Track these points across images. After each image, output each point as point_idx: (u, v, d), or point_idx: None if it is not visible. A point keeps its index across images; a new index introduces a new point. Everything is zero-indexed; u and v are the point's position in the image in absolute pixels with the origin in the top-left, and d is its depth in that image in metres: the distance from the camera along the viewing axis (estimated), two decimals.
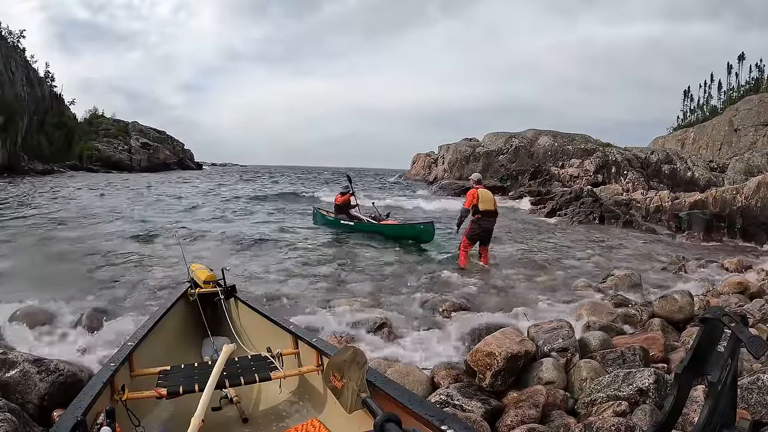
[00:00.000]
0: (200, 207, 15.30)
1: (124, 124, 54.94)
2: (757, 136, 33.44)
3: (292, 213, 14.44)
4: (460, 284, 5.92)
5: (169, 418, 2.20)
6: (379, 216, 10.01)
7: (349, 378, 1.65)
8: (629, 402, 2.48)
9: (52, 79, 51.03)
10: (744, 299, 5.18)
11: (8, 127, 36.11)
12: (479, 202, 6.84)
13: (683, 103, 59.87)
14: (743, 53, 54.47)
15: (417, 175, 34.94)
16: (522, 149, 27.39)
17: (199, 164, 65.22)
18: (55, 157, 43.14)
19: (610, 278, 5.92)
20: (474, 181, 7.38)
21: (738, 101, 40.18)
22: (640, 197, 15.79)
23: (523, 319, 4.27)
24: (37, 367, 2.49)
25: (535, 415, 2.45)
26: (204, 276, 3.33)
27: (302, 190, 23.81)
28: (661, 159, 25.25)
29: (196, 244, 8.19)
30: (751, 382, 2.35)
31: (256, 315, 2.94)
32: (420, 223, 9.01)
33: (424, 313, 4.62)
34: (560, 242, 10.10)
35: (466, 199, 7.04)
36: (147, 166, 48.71)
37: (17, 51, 43.54)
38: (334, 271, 6.52)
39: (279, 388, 2.41)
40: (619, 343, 3.44)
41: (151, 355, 2.44)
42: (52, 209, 13.54)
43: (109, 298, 4.85)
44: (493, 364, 2.78)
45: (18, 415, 2.14)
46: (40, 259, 6.89)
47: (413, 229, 8.92)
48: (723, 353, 0.88)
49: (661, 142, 40.11)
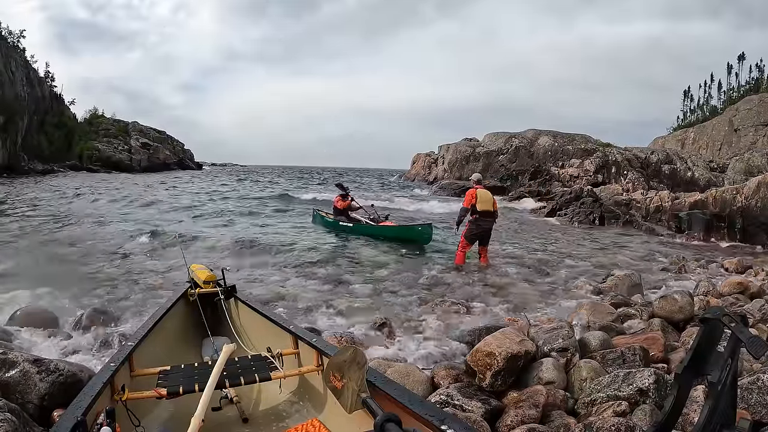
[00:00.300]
0: (199, 208, 15.30)
1: (124, 124, 54.98)
2: (757, 136, 33.45)
3: (291, 213, 14.45)
4: (460, 284, 5.92)
5: (169, 418, 2.20)
6: (377, 217, 10.01)
7: (349, 378, 1.65)
8: (629, 402, 2.47)
9: (52, 79, 51.15)
10: (744, 299, 5.18)
11: (8, 127, 36.13)
12: (477, 202, 6.87)
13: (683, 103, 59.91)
14: (743, 53, 54.52)
15: (417, 175, 34.96)
16: (522, 149, 27.40)
17: (198, 164, 65.26)
18: (55, 157, 43.17)
19: (610, 278, 5.92)
20: (474, 181, 7.41)
21: (738, 101, 40.19)
22: (640, 197, 15.79)
23: (523, 319, 4.27)
24: (37, 367, 2.49)
25: (535, 415, 2.45)
26: (204, 276, 3.33)
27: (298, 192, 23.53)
28: (661, 159, 25.25)
29: (195, 245, 8.19)
30: (751, 382, 2.35)
31: (256, 315, 2.94)
32: (418, 225, 9.09)
33: (424, 313, 4.62)
34: (560, 242, 10.11)
35: (465, 199, 7.07)
36: (147, 166, 48.74)
37: (17, 51, 43.58)
38: (333, 271, 6.52)
39: (279, 388, 2.41)
40: (619, 343, 3.44)
41: (151, 355, 2.44)
42: (51, 209, 13.54)
43: (109, 298, 4.86)
44: (493, 364, 2.77)
45: (18, 415, 2.13)
46: (40, 259, 6.90)
47: (411, 231, 8.98)
48: (723, 353, 0.89)
49: (661, 142, 40.12)
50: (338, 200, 10.60)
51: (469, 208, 6.92)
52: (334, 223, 10.30)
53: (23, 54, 44.99)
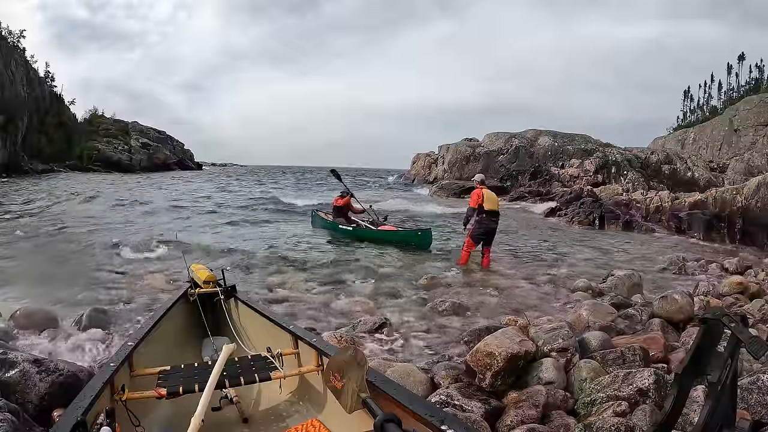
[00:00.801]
0: (198, 208, 15.30)
1: (124, 124, 54.93)
2: (757, 137, 33.45)
3: (291, 214, 14.45)
4: (460, 284, 5.92)
5: (169, 418, 2.20)
6: (376, 220, 9.92)
7: (349, 378, 1.65)
8: (629, 402, 2.47)
9: (52, 79, 51.14)
10: (744, 299, 5.18)
11: (8, 127, 36.14)
12: (484, 201, 6.91)
13: (683, 104, 60.04)
14: (743, 53, 54.69)
15: (417, 175, 34.95)
16: (522, 149, 27.39)
17: (199, 164, 65.26)
18: (55, 157, 43.16)
19: (610, 278, 5.91)
20: (477, 181, 7.44)
21: (738, 101, 40.20)
22: (640, 197, 15.79)
23: (523, 319, 4.27)
24: (37, 367, 2.49)
25: (535, 415, 2.45)
26: (204, 276, 3.33)
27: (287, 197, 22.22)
28: (661, 159, 25.25)
29: (194, 245, 8.18)
30: (751, 382, 2.35)
31: (256, 315, 2.94)
32: (418, 230, 9.08)
33: (423, 314, 4.62)
34: (560, 242, 10.11)
35: (471, 199, 7.11)
36: (147, 166, 48.71)
37: (17, 51, 43.56)
38: (333, 271, 6.52)
39: (279, 388, 2.41)
40: (619, 343, 3.44)
41: (151, 355, 2.43)
42: (51, 210, 13.54)
43: (109, 298, 4.85)
44: (493, 364, 2.77)
45: (18, 415, 2.13)
46: (40, 260, 6.90)
47: (411, 235, 8.94)
48: (723, 353, 0.89)
49: (661, 143, 40.13)
50: (337, 199, 10.34)
51: (476, 207, 6.95)
52: (333, 225, 10.12)
53: (23, 54, 45.01)
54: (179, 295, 3.18)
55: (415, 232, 8.97)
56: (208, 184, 29.58)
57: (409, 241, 8.79)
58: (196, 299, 3.15)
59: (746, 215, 11.20)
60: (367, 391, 1.62)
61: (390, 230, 9.35)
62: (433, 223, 12.43)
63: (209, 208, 15.44)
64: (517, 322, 4.07)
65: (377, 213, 10.36)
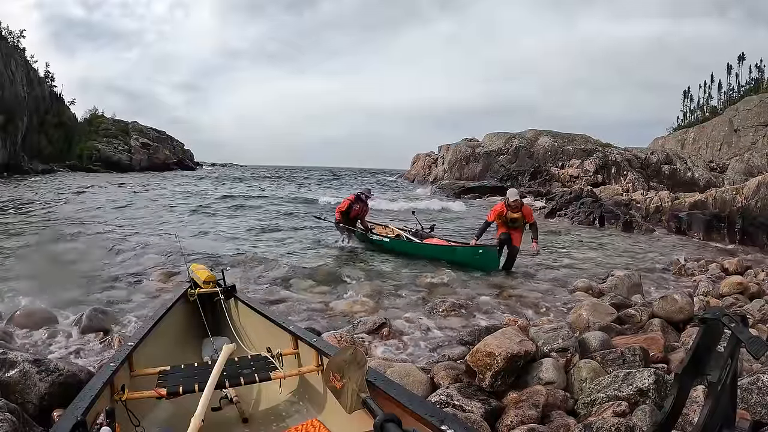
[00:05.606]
0: (198, 208, 15.30)
1: (124, 124, 54.97)
2: (757, 137, 33.45)
3: (292, 214, 14.45)
4: (459, 284, 5.92)
5: (169, 418, 2.20)
6: (421, 231, 8.29)
7: (349, 378, 1.65)
8: (629, 402, 2.47)
9: (52, 79, 51.22)
10: (744, 299, 5.18)
11: (8, 127, 36.18)
12: (501, 223, 6.84)
13: (683, 104, 59.90)
14: (743, 53, 54.51)
15: (417, 175, 34.97)
16: (522, 149, 27.42)
17: (198, 164, 65.29)
18: (55, 157, 43.21)
19: (610, 278, 5.92)
20: (510, 200, 6.75)
21: (738, 101, 40.19)
22: (640, 197, 15.81)
23: (523, 319, 4.27)
24: (37, 367, 2.49)
25: (535, 416, 2.45)
26: (204, 276, 3.33)
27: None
28: (661, 159, 25.27)
29: (194, 245, 8.18)
30: (751, 382, 2.35)
31: (256, 315, 2.93)
32: (478, 248, 6.86)
33: (423, 314, 4.62)
34: (560, 242, 10.10)
35: (490, 213, 7.00)
36: (147, 166, 48.72)
37: (17, 51, 43.60)
38: (333, 271, 6.52)
39: (279, 388, 2.41)
40: (619, 343, 3.44)
41: (151, 355, 2.43)
42: (50, 210, 13.54)
43: (109, 298, 4.85)
44: (493, 365, 2.78)
45: (18, 415, 2.13)
46: (39, 260, 6.89)
47: (468, 254, 6.95)
48: (723, 353, 0.89)
49: (661, 143, 40.12)
50: (346, 203, 8.39)
51: (490, 222, 6.93)
52: (362, 236, 8.36)
53: (23, 54, 45.06)
54: (179, 295, 3.18)
55: (476, 250, 6.85)
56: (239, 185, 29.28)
57: (465, 261, 6.91)
58: (195, 299, 3.15)
59: (746, 215, 11.21)
60: (367, 391, 1.62)
61: (440, 244, 7.62)
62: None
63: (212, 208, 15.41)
64: (517, 322, 4.08)
65: (420, 222, 8.83)
